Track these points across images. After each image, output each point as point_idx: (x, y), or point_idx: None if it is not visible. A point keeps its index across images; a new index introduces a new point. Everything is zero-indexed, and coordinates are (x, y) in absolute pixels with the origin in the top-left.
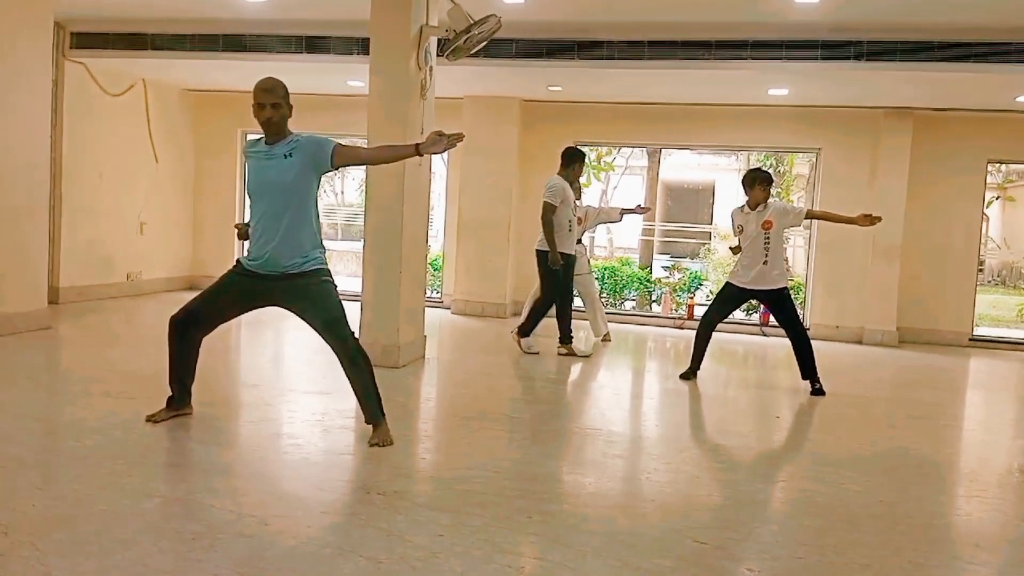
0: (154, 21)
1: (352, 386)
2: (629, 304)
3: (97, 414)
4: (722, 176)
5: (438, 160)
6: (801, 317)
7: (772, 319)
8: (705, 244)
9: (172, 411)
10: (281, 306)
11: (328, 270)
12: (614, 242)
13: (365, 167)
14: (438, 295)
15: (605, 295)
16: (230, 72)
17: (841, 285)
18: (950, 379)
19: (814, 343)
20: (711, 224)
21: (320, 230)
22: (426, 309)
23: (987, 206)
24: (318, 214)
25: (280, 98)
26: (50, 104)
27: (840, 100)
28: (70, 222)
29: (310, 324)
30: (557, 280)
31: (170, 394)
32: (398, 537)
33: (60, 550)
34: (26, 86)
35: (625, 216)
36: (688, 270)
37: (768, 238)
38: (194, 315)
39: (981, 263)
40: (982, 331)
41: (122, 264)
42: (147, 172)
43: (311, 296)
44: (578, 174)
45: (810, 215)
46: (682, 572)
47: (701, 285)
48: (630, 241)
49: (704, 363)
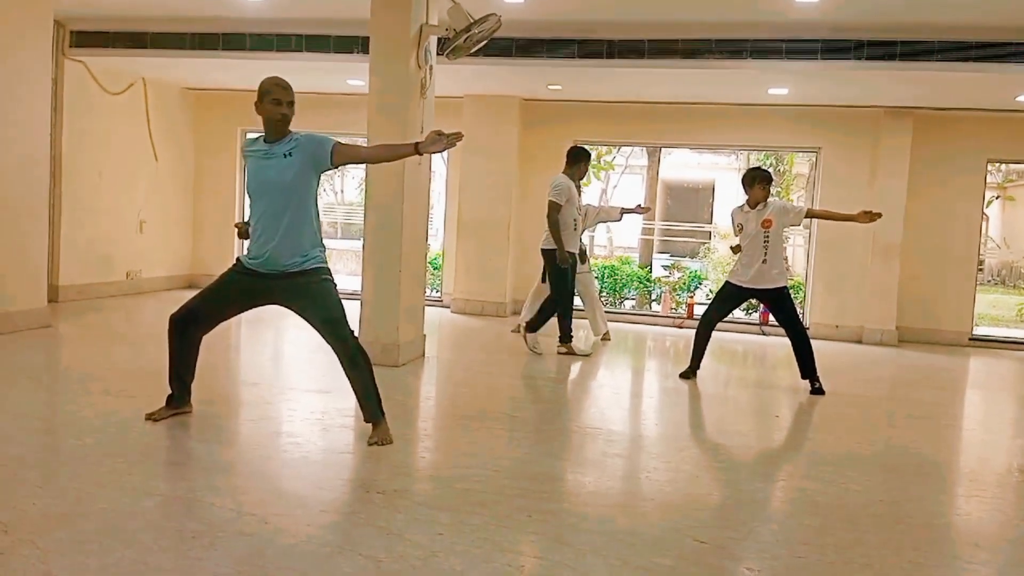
0: (154, 20)
1: (352, 385)
2: (629, 303)
3: (97, 412)
4: (722, 175)
5: (438, 159)
6: (801, 316)
7: (772, 318)
8: (705, 243)
9: (172, 409)
10: (281, 305)
11: (328, 269)
12: (614, 241)
13: (365, 166)
14: (438, 294)
15: (605, 294)
16: (230, 71)
17: (841, 284)
18: (950, 379)
19: (814, 342)
20: (711, 223)
21: (320, 229)
22: (426, 308)
23: (987, 206)
24: (318, 213)
25: (293, 97)
26: (50, 103)
27: (840, 99)
28: (70, 220)
29: (310, 323)
30: (567, 279)
31: (170, 392)
32: (398, 536)
33: (60, 548)
34: (26, 85)
35: (625, 215)
36: (688, 269)
37: (768, 237)
38: (194, 313)
39: (981, 263)
40: (982, 331)
41: (122, 263)
42: (147, 171)
43: (311, 295)
44: (583, 173)
45: (810, 214)
46: (682, 571)
47: (701, 284)
48: (630, 240)
49: (704, 362)
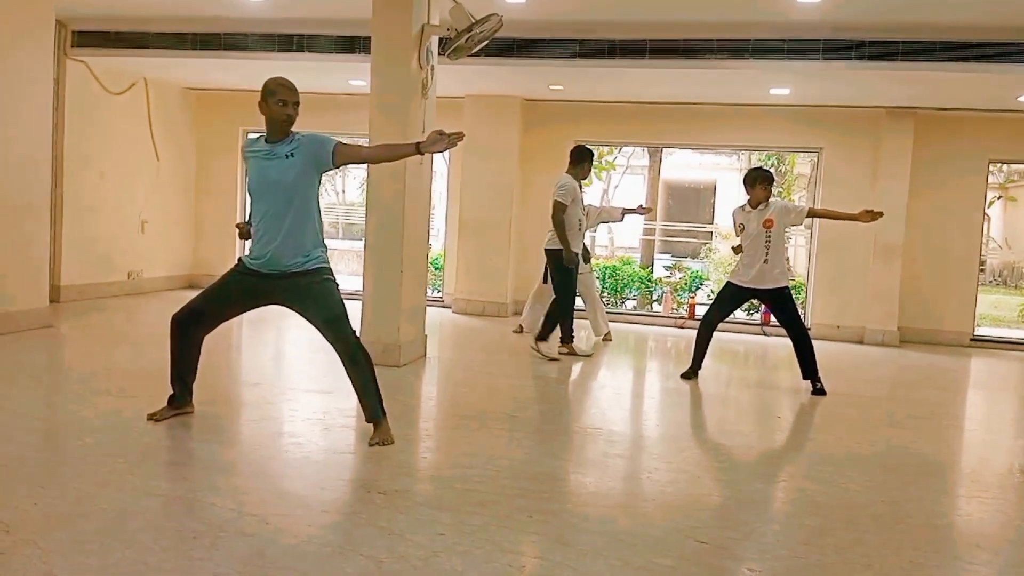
0: (155, 20)
1: (353, 384)
2: (630, 303)
3: (98, 412)
4: (723, 175)
5: (439, 159)
6: (802, 317)
7: (773, 319)
8: (706, 243)
9: (173, 409)
10: (283, 305)
11: (330, 268)
12: (615, 241)
13: (366, 166)
14: (439, 294)
15: (606, 294)
16: (231, 71)
17: (842, 285)
18: (951, 379)
19: (815, 343)
20: (712, 223)
21: (322, 229)
22: (427, 308)
23: (988, 206)
24: (320, 213)
25: (299, 98)
26: (52, 103)
27: (841, 100)
28: (71, 220)
29: (311, 322)
30: (571, 280)
31: (171, 392)
32: (399, 536)
33: (61, 548)
34: (27, 85)
35: (626, 216)
36: (689, 269)
37: (769, 237)
38: (196, 314)
39: (982, 263)
40: (983, 331)
41: (123, 263)
42: (148, 171)
43: (313, 294)
44: (587, 173)
45: (812, 213)
46: (683, 571)
47: (702, 285)
48: (631, 240)
49: (705, 363)
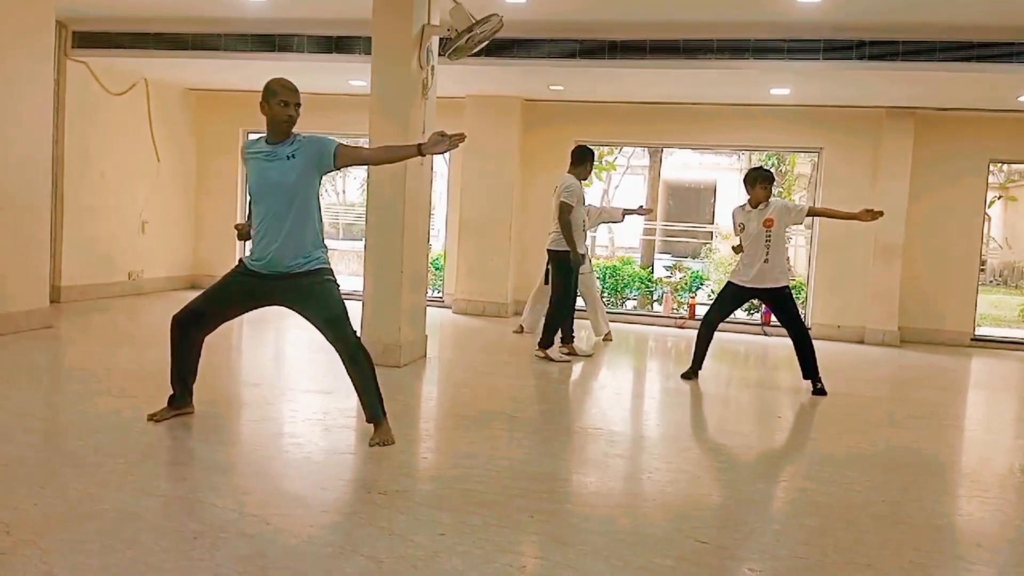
0: (156, 20)
1: (353, 385)
2: (630, 304)
3: (99, 413)
4: (724, 175)
5: (439, 159)
6: (802, 316)
7: (773, 318)
8: (707, 244)
9: (174, 410)
10: (283, 305)
11: (330, 269)
12: (615, 242)
13: (366, 167)
14: (439, 294)
15: (606, 295)
16: (232, 72)
17: (842, 285)
18: (952, 379)
19: (815, 343)
20: (712, 223)
21: (322, 229)
22: (427, 308)
23: (989, 206)
24: (321, 213)
25: (300, 99)
26: (52, 103)
27: (842, 100)
28: (72, 221)
29: (312, 323)
30: (572, 281)
31: (172, 393)
32: (399, 536)
33: (62, 549)
34: (28, 85)
35: (627, 216)
36: (689, 269)
37: (769, 236)
38: (196, 314)
39: (983, 263)
40: (984, 331)
41: (124, 263)
42: (149, 171)
43: (313, 295)
44: (588, 172)
45: (812, 212)
46: (683, 571)
47: (702, 285)
48: (631, 241)
49: (705, 363)
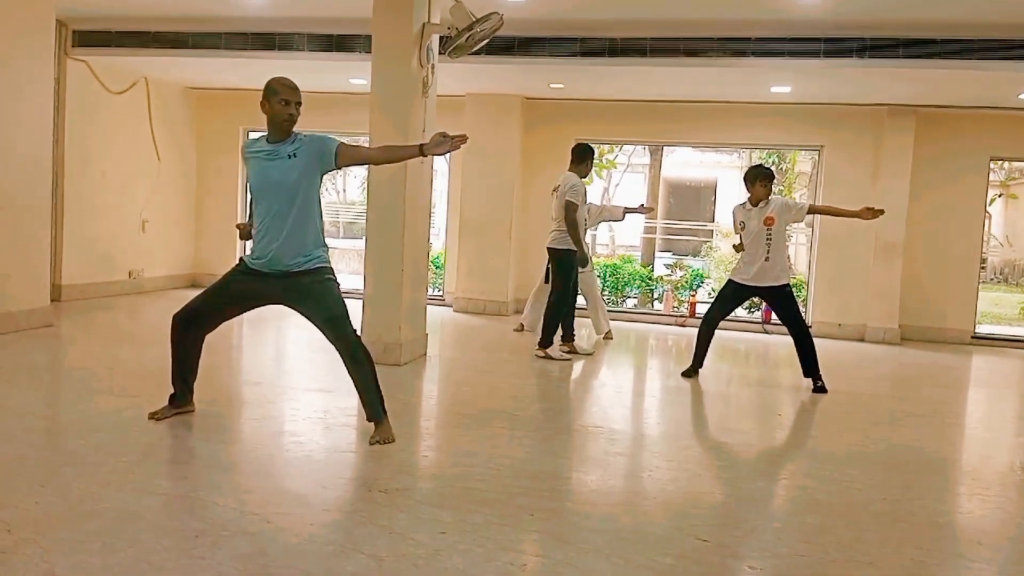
0: (156, 19)
1: (354, 383)
2: (631, 302)
3: (99, 411)
4: (724, 173)
5: (440, 158)
6: (803, 314)
7: (774, 316)
8: (707, 242)
9: (174, 408)
10: (284, 304)
11: (331, 268)
12: (616, 240)
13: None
14: (440, 293)
15: (607, 293)
16: (232, 70)
17: (843, 283)
18: (952, 377)
19: (816, 341)
20: (713, 222)
21: (323, 228)
22: (428, 307)
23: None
24: (321, 212)
25: (301, 99)
26: (52, 102)
27: (842, 97)
28: (73, 220)
29: (312, 322)
30: (573, 279)
31: (172, 391)
32: (400, 535)
33: (63, 547)
34: (28, 84)
35: (628, 215)
36: (690, 268)
37: (770, 234)
38: (197, 313)
39: (983, 261)
40: (984, 329)
41: (124, 262)
42: (149, 170)
43: (313, 294)
44: (589, 170)
45: (812, 210)
46: (684, 569)
47: (703, 283)
48: (632, 239)
49: (706, 361)
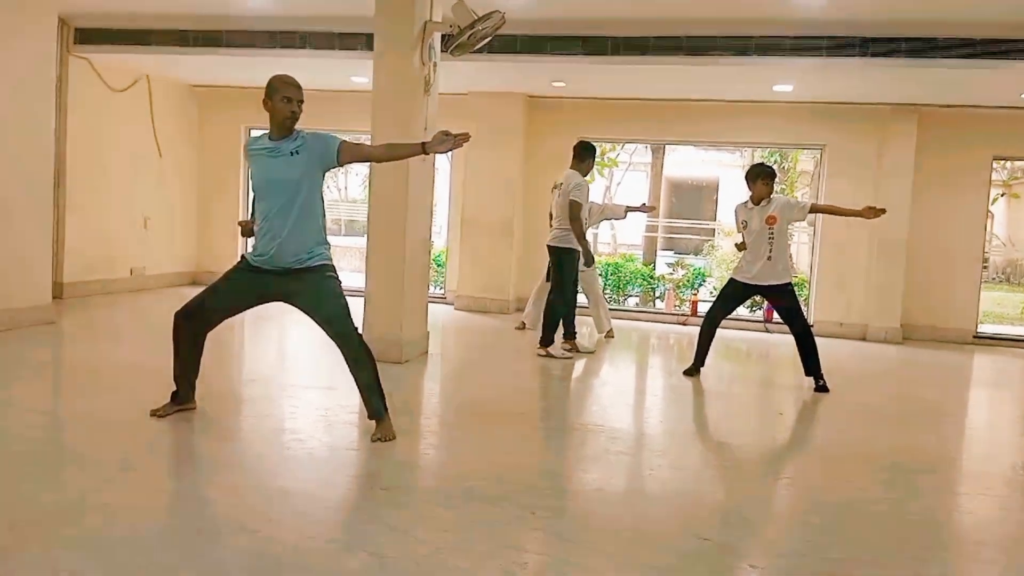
0: (158, 17)
1: (355, 381)
2: (632, 300)
3: (101, 409)
4: (726, 172)
5: (442, 156)
6: (805, 313)
7: (776, 315)
8: (709, 240)
9: (176, 406)
10: (285, 301)
11: (333, 266)
12: (617, 238)
13: (369, 164)
14: (441, 291)
15: (609, 291)
16: (234, 68)
17: (845, 282)
18: (954, 376)
19: (818, 340)
20: (715, 220)
21: (325, 226)
22: (429, 305)
23: (992, 203)
24: (324, 210)
25: (303, 96)
26: (54, 100)
27: (845, 96)
28: (74, 217)
29: (314, 319)
30: (574, 278)
31: (174, 389)
32: (402, 532)
33: (64, 545)
34: (30, 82)
35: (629, 213)
36: (692, 266)
37: (772, 233)
38: (199, 310)
39: (986, 260)
40: (986, 328)
41: (126, 259)
42: (151, 168)
43: (315, 291)
44: (590, 168)
45: (815, 209)
46: (685, 569)
47: (705, 281)
48: (634, 238)
49: (708, 360)
